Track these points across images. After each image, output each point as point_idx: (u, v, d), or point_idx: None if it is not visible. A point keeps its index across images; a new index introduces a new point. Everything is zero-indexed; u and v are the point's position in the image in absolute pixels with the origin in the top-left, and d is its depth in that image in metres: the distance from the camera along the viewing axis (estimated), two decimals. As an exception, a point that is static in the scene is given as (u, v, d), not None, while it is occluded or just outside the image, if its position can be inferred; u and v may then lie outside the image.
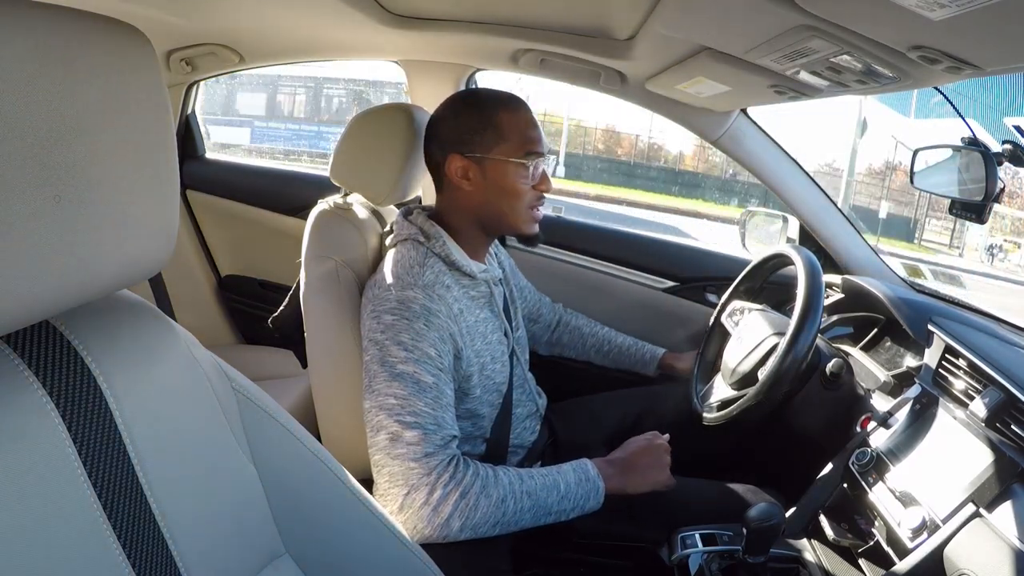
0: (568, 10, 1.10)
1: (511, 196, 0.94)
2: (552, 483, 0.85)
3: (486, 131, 0.92)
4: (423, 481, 0.78)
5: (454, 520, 0.78)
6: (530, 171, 0.94)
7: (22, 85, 0.35)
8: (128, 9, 1.24)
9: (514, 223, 0.96)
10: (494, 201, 0.94)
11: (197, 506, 0.50)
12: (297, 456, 0.60)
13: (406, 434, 0.79)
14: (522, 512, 0.82)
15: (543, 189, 0.96)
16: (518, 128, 0.93)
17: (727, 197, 10.74)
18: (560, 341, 1.33)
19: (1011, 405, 0.78)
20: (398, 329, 0.83)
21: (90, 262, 0.40)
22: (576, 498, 0.86)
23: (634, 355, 1.29)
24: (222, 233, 1.83)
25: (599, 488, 0.88)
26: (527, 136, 0.93)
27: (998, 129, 3.22)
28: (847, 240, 1.37)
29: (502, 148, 0.92)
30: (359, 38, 1.39)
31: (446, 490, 0.78)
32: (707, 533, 0.85)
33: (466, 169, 0.93)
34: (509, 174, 0.93)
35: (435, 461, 0.79)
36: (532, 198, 0.96)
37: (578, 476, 0.88)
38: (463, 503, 0.78)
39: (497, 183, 0.93)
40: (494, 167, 0.93)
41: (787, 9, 0.66)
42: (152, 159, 0.44)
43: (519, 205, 0.95)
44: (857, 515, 0.87)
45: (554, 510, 0.85)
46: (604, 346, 1.31)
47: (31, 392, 0.41)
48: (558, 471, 0.88)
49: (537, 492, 0.84)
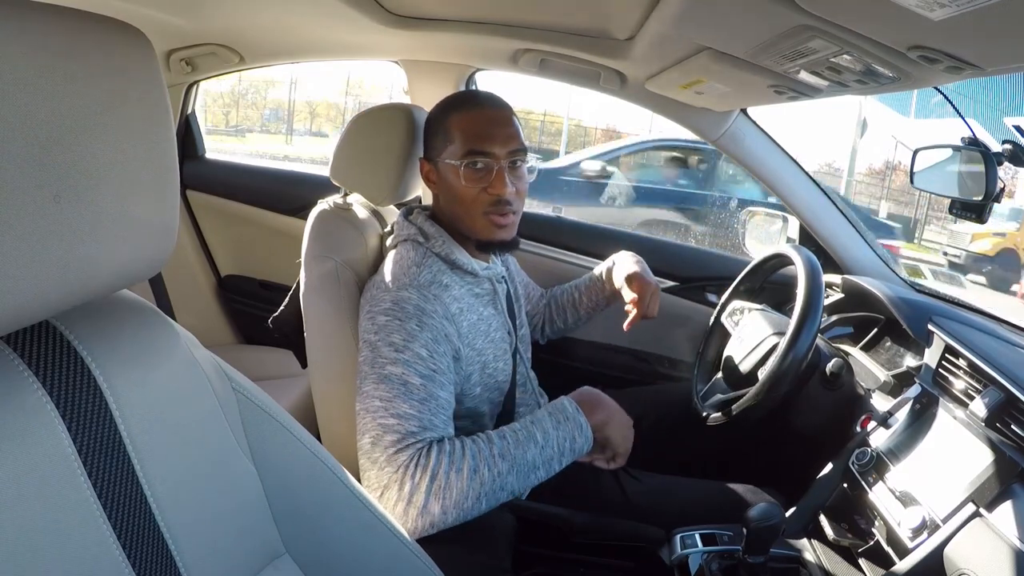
0: (568, 10, 1.10)
1: (460, 201, 0.91)
2: (526, 436, 0.81)
3: (438, 134, 0.93)
4: (392, 479, 0.76)
5: (432, 505, 0.75)
6: (472, 172, 0.89)
7: (22, 85, 0.35)
8: (128, 9, 1.24)
9: (469, 228, 0.92)
10: (449, 205, 0.93)
11: (197, 506, 0.50)
12: (297, 456, 0.60)
13: (386, 437, 0.78)
14: (502, 476, 0.78)
15: (492, 193, 0.89)
16: (464, 129, 0.90)
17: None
18: (546, 317, 1.30)
19: (1011, 405, 0.78)
20: (390, 330, 0.83)
21: (90, 262, 0.40)
22: (559, 441, 0.82)
23: (595, 282, 1.23)
24: (222, 233, 1.83)
25: (581, 424, 0.84)
26: (473, 135, 0.89)
27: (998, 129, 3.21)
28: (847, 240, 1.37)
29: (449, 150, 0.91)
30: (359, 38, 1.39)
31: (415, 480, 0.75)
32: (707, 533, 0.85)
33: (430, 173, 0.94)
34: (453, 177, 0.90)
35: (403, 456, 0.77)
36: (485, 203, 0.90)
37: (555, 419, 0.84)
38: (434, 486, 0.75)
39: (446, 186, 0.92)
40: (444, 170, 0.92)
41: (787, 9, 0.66)
42: (152, 159, 0.44)
43: (471, 210, 0.91)
44: (857, 515, 0.87)
45: (540, 463, 0.81)
46: (575, 295, 1.26)
47: (31, 392, 0.41)
48: (532, 421, 0.83)
49: (511, 451, 0.79)
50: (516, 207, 0.93)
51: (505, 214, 0.91)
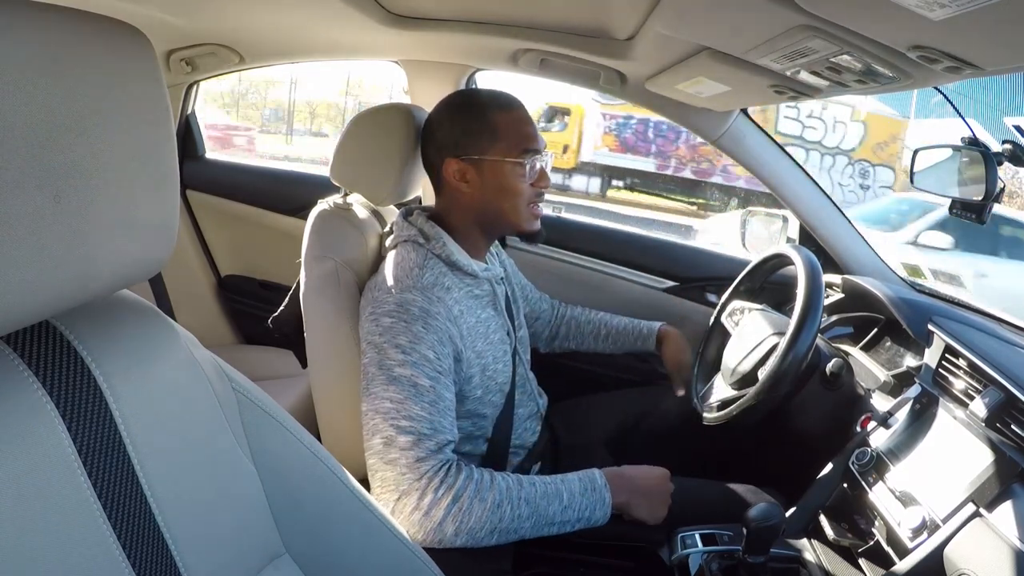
0: (568, 10, 1.10)
1: (511, 195, 0.94)
2: (554, 492, 0.83)
3: (482, 133, 0.92)
4: (413, 486, 0.77)
5: (447, 524, 0.77)
6: (527, 169, 0.93)
7: (22, 85, 0.35)
8: (128, 9, 1.24)
9: (515, 222, 0.96)
10: (493, 201, 0.94)
11: (197, 506, 0.50)
12: (297, 456, 0.60)
13: (400, 439, 0.78)
14: (520, 520, 0.80)
15: (542, 186, 0.96)
16: (513, 127, 0.93)
17: (727, 197, 10.74)
18: (559, 334, 1.32)
19: (1011, 405, 0.78)
20: (396, 331, 0.83)
21: (90, 262, 0.40)
22: (580, 508, 0.84)
23: (631, 333, 1.28)
24: (222, 233, 1.83)
25: (605, 500, 0.86)
26: (523, 134, 0.93)
27: (998, 129, 3.22)
28: (847, 240, 1.37)
29: (498, 148, 0.92)
30: (359, 38, 1.39)
31: (437, 495, 0.77)
32: (707, 533, 0.85)
33: (463, 172, 0.93)
34: (507, 174, 0.93)
35: (427, 466, 0.78)
36: (531, 195, 0.96)
37: (583, 486, 0.86)
38: (455, 507, 0.77)
39: (495, 184, 0.93)
40: (492, 168, 0.92)
41: (787, 9, 0.66)
42: (152, 159, 0.44)
43: (519, 204, 0.95)
44: (857, 515, 0.87)
45: (556, 520, 0.83)
46: (601, 330, 1.29)
47: (31, 392, 0.41)
48: (563, 480, 0.86)
49: (536, 500, 0.82)
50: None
51: (540, 204, 0.98)
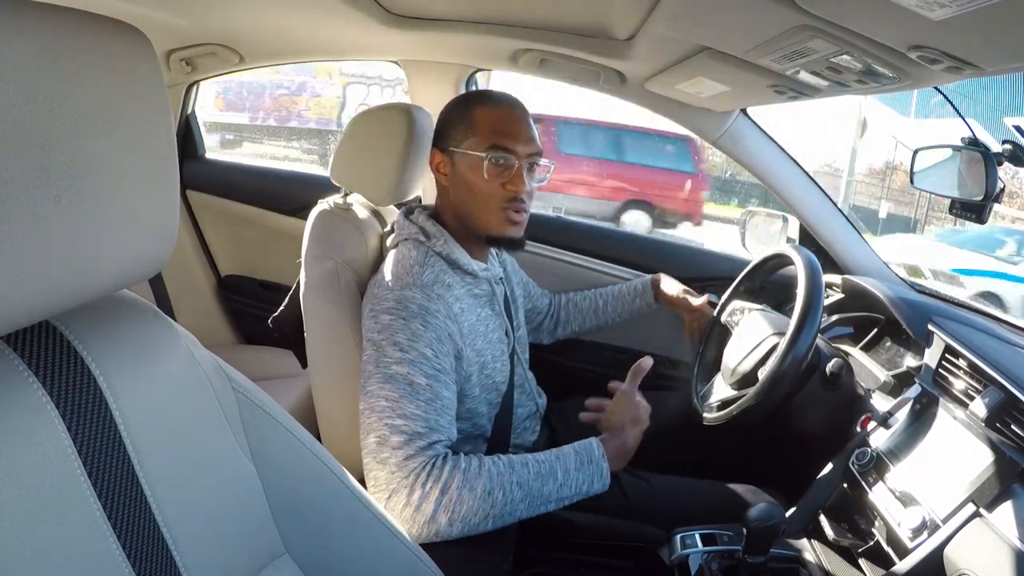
0: (568, 10, 1.10)
1: (475, 192, 0.91)
2: (548, 471, 0.83)
3: (459, 124, 0.92)
4: (402, 484, 0.77)
5: (440, 516, 0.76)
6: (494, 167, 0.90)
7: (22, 85, 0.35)
8: (128, 9, 1.24)
9: (483, 223, 0.92)
10: (462, 197, 0.93)
11: (197, 506, 0.50)
12: (297, 456, 0.60)
13: (392, 438, 0.78)
14: (514, 503, 0.80)
15: (511, 189, 0.91)
16: (490, 122, 0.91)
17: (727, 197, 10.73)
18: (560, 320, 1.32)
19: (1011, 405, 0.78)
20: (394, 329, 0.83)
21: (90, 262, 0.40)
22: (577, 483, 0.83)
23: (628, 294, 1.29)
24: (222, 233, 1.83)
25: (603, 469, 0.85)
26: (497, 130, 0.90)
27: (998, 129, 3.22)
28: (847, 240, 1.37)
29: (470, 141, 0.91)
30: (359, 38, 1.39)
31: (425, 488, 0.76)
32: (707, 533, 0.85)
33: (441, 163, 0.94)
34: (472, 168, 0.91)
35: (415, 463, 0.77)
36: (502, 198, 0.91)
37: (580, 459, 0.85)
38: (445, 498, 0.76)
39: (462, 177, 0.92)
40: (461, 160, 0.92)
41: (787, 9, 0.66)
42: (152, 159, 0.44)
43: (486, 203, 0.91)
44: (857, 515, 0.87)
45: (553, 498, 0.82)
46: (599, 302, 1.31)
47: (31, 392, 0.41)
48: (557, 456, 0.85)
49: (530, 482, 0.81)
50: (528, 207, 0.95)
51: (519, 211, 0.93)
